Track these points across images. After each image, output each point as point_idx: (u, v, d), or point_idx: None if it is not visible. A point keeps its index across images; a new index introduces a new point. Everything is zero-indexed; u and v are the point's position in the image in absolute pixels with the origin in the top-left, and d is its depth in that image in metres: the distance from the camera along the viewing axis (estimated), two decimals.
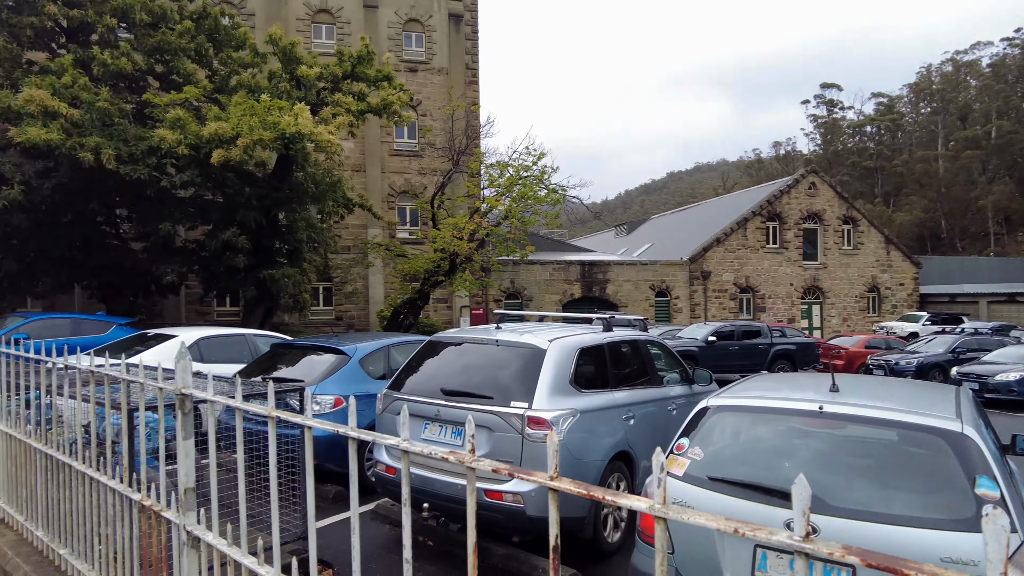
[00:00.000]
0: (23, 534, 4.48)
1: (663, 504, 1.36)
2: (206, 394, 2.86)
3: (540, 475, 1.54)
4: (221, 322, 20.61)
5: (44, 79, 14.08)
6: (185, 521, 2.85)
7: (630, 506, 1.44)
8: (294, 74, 16.98)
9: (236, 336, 9.59)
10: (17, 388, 4.78)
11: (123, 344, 9.04)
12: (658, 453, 1.40)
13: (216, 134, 13.73)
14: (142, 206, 15.92)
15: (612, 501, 1.46)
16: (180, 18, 17.08)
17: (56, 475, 4.06)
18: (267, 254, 16.63)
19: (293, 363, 7.29)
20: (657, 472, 1.39)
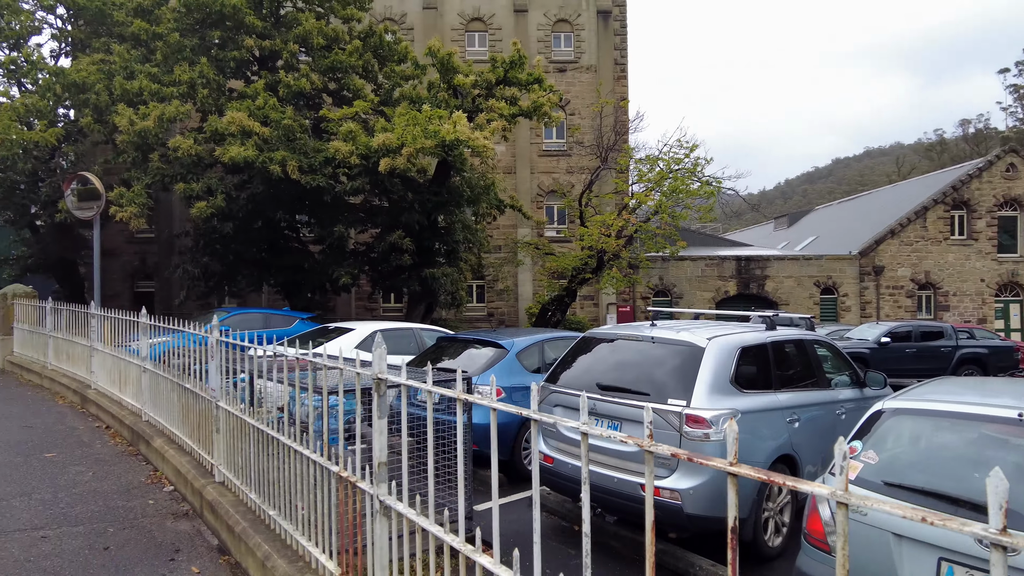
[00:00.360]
0: (239, 496, 5.25)
1: (845, 490, 1.39)
2: (400, 379, 3.23)
3: (719, 461, 1.62)
4: (386, 317, 22.30)
5: (242, 103, 16.06)
6: (378, 491, 3.24)
7: (810, 491, 1.48)
8: (451, 83, 17.91)
9: (405, 330, 10.40)
10: (232, 372, 5.59)
11: (308, 336, 10.15)
12: (841, 442, 1.43)
13: (383, 144, 14.86)
14: (320, 212, 17.63)
15: (792, 485, 1.50)
16: (349, 38, 18.70)
17: (265, 447, 4.72)
18: (428, 254, 17.76)
19: (455, 355, 7.79)
20: (839, 460, 1.41)
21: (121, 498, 5.94)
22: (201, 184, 15.65)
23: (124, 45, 18.04)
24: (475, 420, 6.74)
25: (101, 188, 13.67)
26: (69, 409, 9.78)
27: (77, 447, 7.64)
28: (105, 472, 6.70)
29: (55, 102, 17.10)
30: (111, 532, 5.14)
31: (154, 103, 15.71)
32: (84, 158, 20.25)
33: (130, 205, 14.97)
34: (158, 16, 17.98)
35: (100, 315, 9.70)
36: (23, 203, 18.44)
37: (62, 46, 20.48)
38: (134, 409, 8.27)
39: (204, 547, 4.97)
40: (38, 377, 12.00)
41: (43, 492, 5.99)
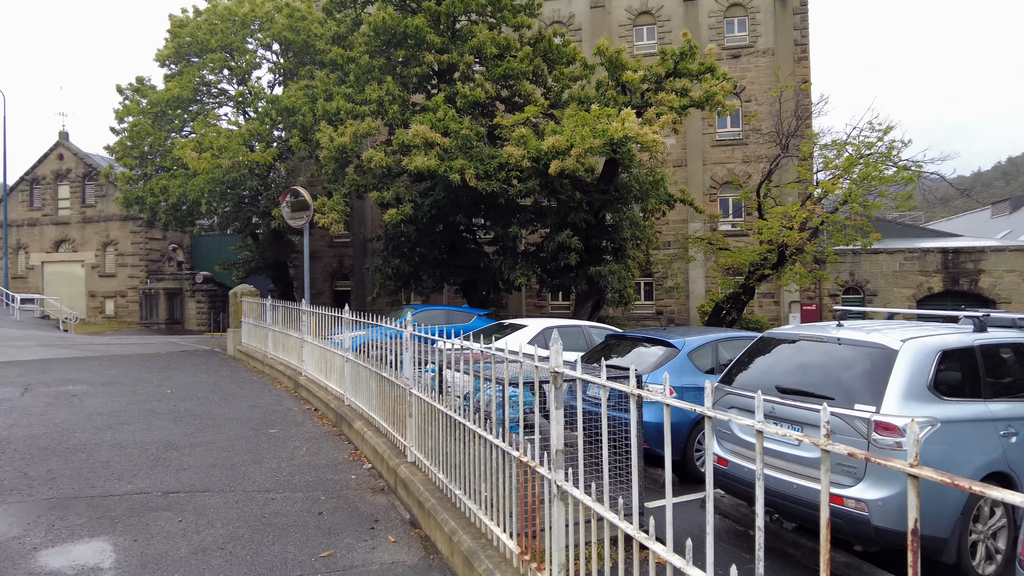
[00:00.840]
0: (428, 475, 5.78)
1: None
2: (575, 372, 3.42)
3: (899, 462, 1.58)
4: (555, 314, 22.81)
5: (424, 116, 17.35)
6: (555, 477, 3.45)
7: (1017, 502, 1.35)
8: (619, 80, 17.88)
9: (574, 327, 10.65)
10: (423, 363, 6.14)
11: (486, 331, 10.78)
12: None
13: (553, 146, 15.24)
14: (494, 215, 18.51)
15: (980, 491, 1.42)
16: (520, 45, 19.38)
17: (452, 431, 5.17)
18: (595, 252, 17.92)
19: (624, 353, 7.86)
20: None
21: (329, 471, 6.79)
22: (391, 192, 17.16)
23: (324, 70, 20.31)
24: (645, 419, 6.77)
25: (310, 200, 15.52)
26: (285, 392, 11.31)
27: (293, 426, 8.83)
28: (316, 448, 7.69)
29: (271, 126, 19.70)
30: (323, 500, 5.92)
31: (350, 120, 17.52)
32: (293, 173, 23.12)
33: (331, 212, 16.84)
34: (351, 42, 19.99)
35: (309, 311, 11.08)
36: (247, 215, 21.47)
37: (276, 77, 23.51)
38: (337, 394, 9.36)
39: (398, 520, 5.55)
40: (260, 364, 13.98)
41: (270, 462, 7.03)
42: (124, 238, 31.54)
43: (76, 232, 32.92)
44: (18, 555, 4.58)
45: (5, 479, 6.13)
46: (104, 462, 6.72)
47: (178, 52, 22.18)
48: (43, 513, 5.35)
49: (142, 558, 4.55)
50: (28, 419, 8.54)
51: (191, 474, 6.46)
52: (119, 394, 10.56)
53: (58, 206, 33.56)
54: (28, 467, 6.49)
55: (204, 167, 18.12)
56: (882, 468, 4.26)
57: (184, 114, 22.25)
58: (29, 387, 10.96)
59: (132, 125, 22.10)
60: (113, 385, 11.45)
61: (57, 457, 6.85)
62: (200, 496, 5.85)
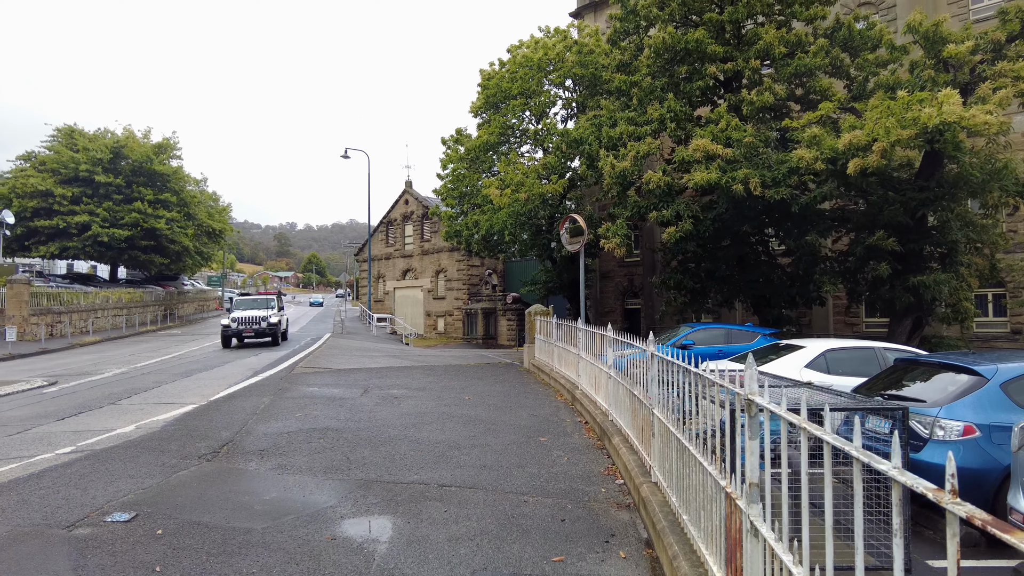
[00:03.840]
0: (665, 497, 5.70)
1: None
2: (763, 401, 3.16)
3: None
4: (869, 333, 19.96)
5: (705, 129, 16.94)
6: (749, 511, 3.21)
7: None
8: (939, 57, 15.16)
9: (865, 349, 9.29)
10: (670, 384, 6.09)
11: (759, 352, 10.05)
12: None
13: (851, 143, 13.58)
14: (787, 223, 17.11)
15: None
16: (813, 38, 17.70)
17: (681, 454, 5.06)
18: (914, 259, 15.31)
19: (916, 380, 6.63)
20: None
21: (582, 482, 7.11)
22: (670, 210, 17.09)
23: (610, 99, 21.21)
24: (936, 460, 5.68)
25: (584, 226, 16.36)
26: (562, 404, 12.06)
27: (562, 435, 9.40)
28: (576, 459, 8.09)
29: (561, 157, 21.25)
30: (569, 508, 6.25)
31: (631, 144, 17.98)
32: (581, 200, 24.50)
33: (614, 236, 17.44)
34: (635, 66, 20.53)
35: (583, 329, 11.69)
36: (544, 241, 23.39)
37: (569, 112, 25.27)
38: (604, 409, 9.70)
39: (634, 537, 5.58)
40: (547, 377, 15.10)
41: (532, 467, 7.64)
42: (451, 266, 36.97)
43: (417, 263, 39.66)
44: (329, 520, 5.83)
45: (335, 460, 7.81)
46: (402, 455, 8.09)
47: (487, 102, 25.38)
48: (353, 490, 6.69)
49: (409, 538, 5.41)
50: (359, 415, 10.68)
51: (464, 471, 7.39)
52: (427, 398, 12.50)
53: (404, 242, 40.92)
54: (351, 452, 8.16)
55: (505, 202, 20.37)
56: None
57: (493, 155, 25.30)
58: (367, 389, 13.65)
59: (453, 171, 25.95)
60: (425, 390, 13.58)
61: (371, 447, 8.47)
62: (466, 491, 6.67)
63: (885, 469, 1.78)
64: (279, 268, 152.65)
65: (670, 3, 18.97)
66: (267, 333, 24.90)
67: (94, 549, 5.15)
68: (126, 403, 12.04)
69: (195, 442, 8.77)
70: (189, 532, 5.50)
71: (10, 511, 6.08)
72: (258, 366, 18.10)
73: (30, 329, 26.02)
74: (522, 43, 25.35)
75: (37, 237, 33.74)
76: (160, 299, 39.39)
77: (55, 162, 34.03)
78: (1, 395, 13.27)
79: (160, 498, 6.42)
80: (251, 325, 24.49)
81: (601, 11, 29.85)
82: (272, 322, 24.85)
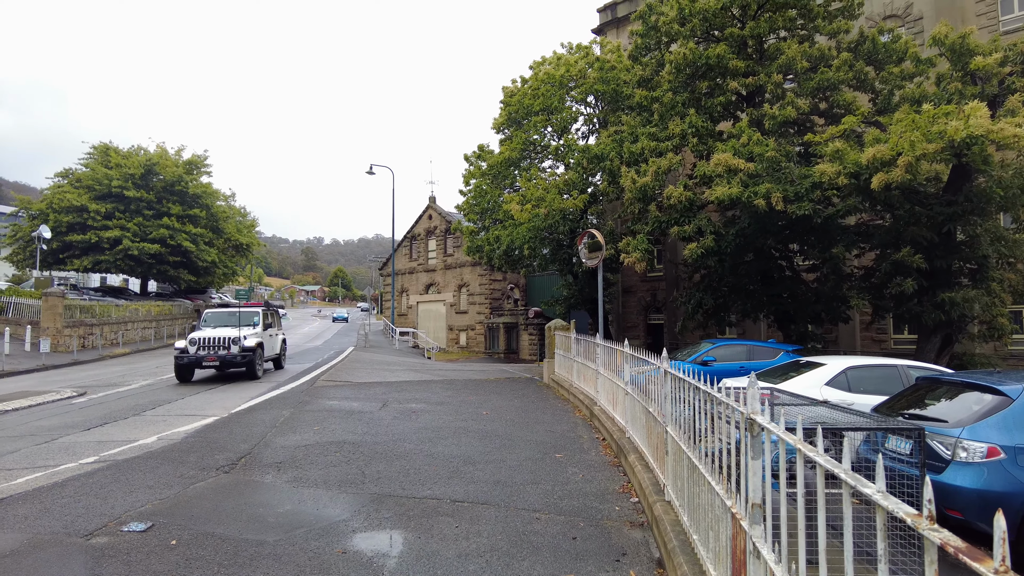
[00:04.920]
0: (678, 516, 5.62)
1: None
2: (763, 420, 3.11)
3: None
4: (897, 351, 19.52)
5: (727, 144, 16.85)
6: (752, 532, 3.16)
7: None
8: (967, 69, 14.92)
9: (887, 367, 9.09)
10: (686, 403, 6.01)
11: (778, 370, 9.90)
12: None
13: (875, 158, 13.40)
14: (810, 238, 16.89)
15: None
16: (836, 52, 17.56)
17: (692, 474, 4.99)
18: (942, 275, 14.98)
19: (938, 400, 6.47)
20: None
21: (596, 500, 7.04)
22: (692, 226, 16.98)
23: (631, 114, 21.23)
24: (958, 483, 5.53)
25: (602, 241, 16.33)
26: (580, 420, 11.97)
27: (578, 452, 9.34)
28: (592, 476, 8.02)
29: (582, 173, 21.27)
30: (581, 526, 6.19)
31: (652, 159, 17.94)
32: (602, 215, 24.46)
33: (634, 251, 17.36)
34: (656, 82, 20.54)
35: (601, 345, 11.64)
36: (565, 256, 23.39)
37: (590, 128, 25.34)
38: (621, 426, 9.62)
39: (646, 557, 5.51)
40: (566, 393, 15.02)
41: (546, 484, 7.59)
42: (473, 280, 37.10)
43: (440, 277, 39.88)
44: (341, 533, 5.86)
45: (350, 474, 7.85)
46: (416, 469, 8.11)
47: (509, 119, 25.57)
48: (366, 504, 6.72)
49: (419, 553, 5.41)
50: (377, 428, 10.73)
51: (477, 487, 7.37)
52: (445, 413, 12.52)
53: (428, 256, 41.23)
54: (366, 466, 8.20)
55: (525, 217, 20.44)
56: None
57: (515, 171, 25.44)
58: (386, 403, 13.71)
59: (475, 186, 26.13)
60: (444, 405, 13.60)
61: (386, 461, 8.50)
62: (479, 507, 6.66)
63: (869, 493, 1.74)
64: (306, 282, 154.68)
65: (691, 19, 18.98)
66: (237, 362, 17.53)
67: (110, 558, 5.25)
68: (150, 414, 12.26)
69: (213, 454, 8.89)
70: (202, 543, 5.56)
71: (32, 519, 6.22)
72: (280, 379, 18.31)
73: (63, 341, 26.69)
74: (544, 60, 25.55)
75: (72, 251, 34.69)
76: (188, 312, 40.14)
77: (90, 178, 35.05)
78: (33, 405, 13.61)
79: (176, 509, 6.52)
80: (215, 350, 17.46)
81: (623, 27, 29.98)
82: (248, 346, 17.68)
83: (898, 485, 4.58)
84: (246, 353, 17.58)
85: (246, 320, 19.13)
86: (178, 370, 17.52)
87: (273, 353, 20.39)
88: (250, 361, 17.70)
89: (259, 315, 19.48)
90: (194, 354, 17.39)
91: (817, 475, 2.35)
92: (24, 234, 35.04)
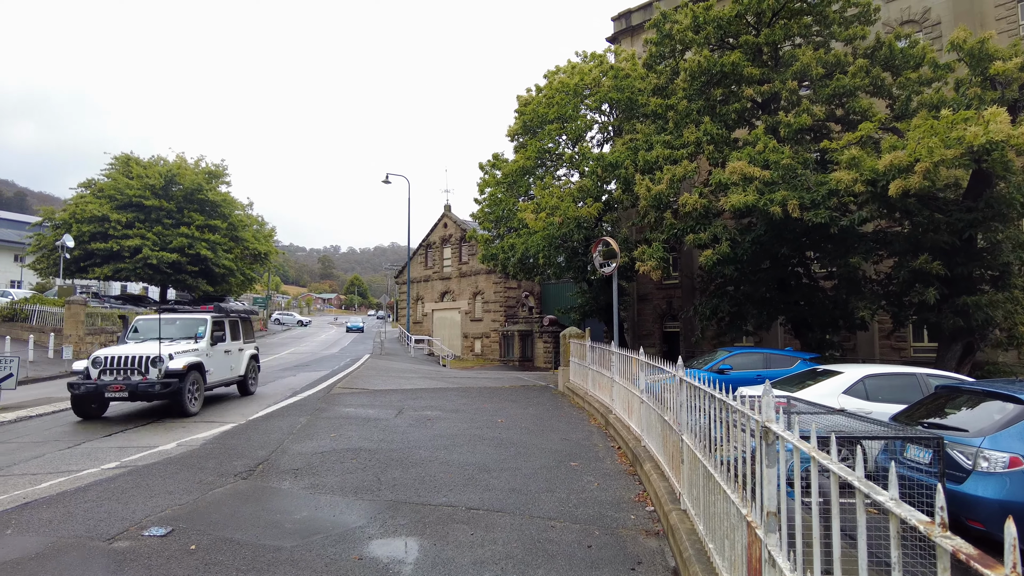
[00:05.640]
0: (694, 525, 5.60)
1: None
2: (778, 428, 3.12)
3: None
4: (916, 359, 19.27)
5: (742, 152, 16.79)
6: (767, 540, 3.15)
7: None
8: (986, 74, 14.79)
9: (906, 375, 8.99)
10: (701, 411, 6.00)
11: (795, 378, 9.82)
12: None
13: (892, 164, 13.31)
14: (827, 246, 16.77)
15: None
16: (853, 59, 17.47)
17: (708, 482, 4.98)
18: (963, 282, 14.80)
19: (959, 409, 6.40)
20: None
21: (612, 509, 7.03)
22: (707, 233, 16.92)
23: (646, 122, 21.24)
24: (979, 493, 5.46)
25: (617, 249, 16.31)
26: (596, 429, 11.95)
27: (593, 461, 9.32)
28: (607, 485, 8.01)
29: (597, 181, 21.30)
30: (596, 534, 6.19)
31: (667, 167, 17.93)
32: (617, 223, 24.44)
33: (650, 259, 17.35)
34: (671, 90, 20.54)
35: (616, 353, 11.62)
36: (580, 264, 23.38)
37: (604, 136, 25.38)
38: (636, 434, 9.59)
39: (661, 566, 5.49)
40: (581, 401, 14.99)
41: (561, 492, 7.59)
42: (488, 288, 37.18)
43: (455, 285, 40.02)
44: (357, 540, 5.90)
45: (365, 481, 7.91)
46: (432, 476, 8.14)
47: (524, 127, 25.69)
48: (382, 511, 6.76)
49: (434, 560, 5.44)
50: (392, 436, 10.79)
51: (492, 495, 7.39)
52: (460, 420, 12.55)
53: (443, 264, 41.39)
54: (382, 473, 8.25)
55: (540, 225, 20.50)
56: None
57: (529, 179, 25.52)
58: (402, 410, 13.77)
59: (490, 195, 26.24)
60: (459, 412, 13.64)
61: (402, 468, 8.54)
62: (494, 515, 6.67)
63: (883, 500, 1.75)
64: (323, 290, 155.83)
65: (706, 27, 19.00)
66: (155, 393, 12.17)
67: (131, 562, 5.33)
68: (168, 421, 12.41)
69: (232, 460, 8.99)
70: (221, 548, 5.63)
71: (56, 523, 6.33)
72: (298, 386, 18.47)
73: (85, 348, 27.09)
74: (559, 69, 25.65)
75: (93, 260, 35.25)
76: None
77: (112, 188, 35.66)
78: (58, 411, 13.83)
79: (195, 514, 6.60)
80: (124, 375, 12.27)
81: (637, 36, 30.04)
82: (173, 369, 12.42)
83: (916, 495, 4.54)
84: (169, 380, 12.27)
85: (186, 331, 14.09)
86: (75, 403, 12.49)
87: (232, 376, 15.20)
88: (176, 391, 12.36)
89: (206, 324, 14.19)
90: (95, 380, 12.19)
91: (831, 483, 2.35)
92: (48, 243, 35.69)
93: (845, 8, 18.26)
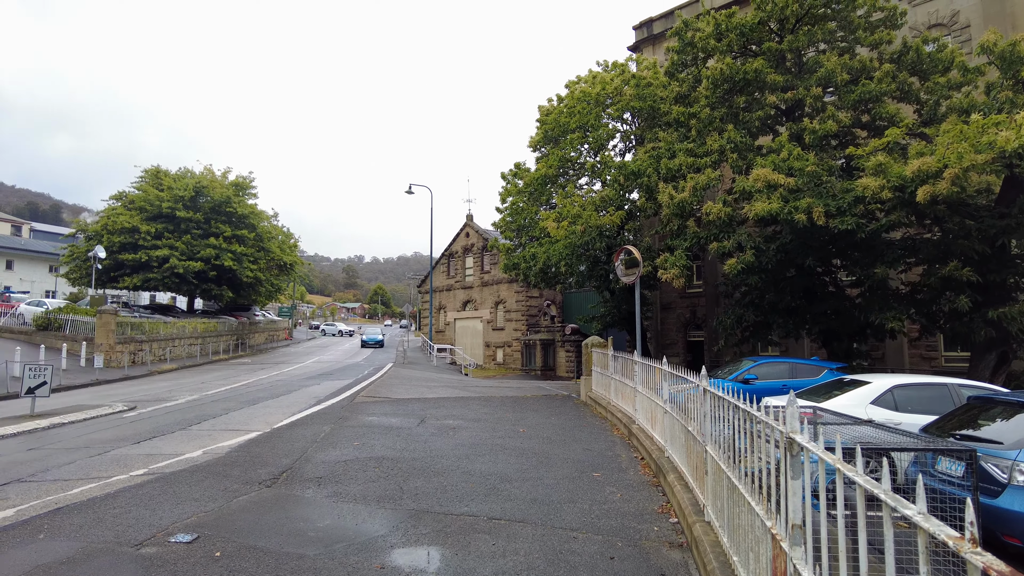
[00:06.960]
0: (718, 537, 5.52)
1: None
2: (804, 439, 3.07)
3: None
4: (948, 369, 18.83)
5: (766, 159, 16.63)
6: (792, 554, 3.10)
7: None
8: (1018, 78, 14.50)
9: (937, 385, 8.78)
10: (725, 421, 5.92)
11: (822, 388, 9.65)
12: None
13: (919, 170, 13.08)
14: (853, 253, 16.49)
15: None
16: (879, 64, 17.24)
17: (732, 494, 4.91)
18: (996, 290, 14.45)
19: (993, 420, 6.23)
20: None
21: (635, 520, 6.96)
22: (731, 241, 16.75)
23: (668, 131, 21.15)
24: (1016, 507, 5.31)
25: (639, 257, 16.23)
26: (618, 439, 11.85)
27: (616, 471, 9.24)
28: (630, 496, 7.93)
29: (619, 189, 21.23)
30: (619, 546, 6.13)
31: (691, 175, 17.81)
32: (639, 232, 24.31)
33: (672, 268, 17.21)
34: (694, 98, 20.46)
35: (639, 362, 11.54)
36: (602, 273, 23.29)
37: (626, 144, 25.31)
38: (660, 445, 9.49)
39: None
40: (604, 411, 14.89)
41: (583, 503, 7.54)
42: (510, 297, 37.19)
43: (477, 294, 40.11)
44: (379, 549, 5.92)
45: (388, 489, 7.93)
46: (454, 485, 8.14)
47: (545, 137, 25.72)
48: (404, 520, 6.78)
49: (456, 570, 5.43)
50: (415, 445, 10.82)
51: (514, 505, 7.37)
52: (482, 430, 12.54)
53: (465, 274, 41.54)
54: (404, 482, 8.27)
55: (561, 234, 20.48)
56: None
57: (551, 188, 25.52)
58: (424, 419, 13.81)
59: (512, 204, 26.30)
60: (480, 422, 13.63)
61: (424, 477, 8.56)
62: (515, 525, 6.65)
63: (910, 514, 1.71)
64: (347, 299, 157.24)
65: (728, 34, 18.90)
66: None
67: (158, 568, 5.41)
68: (195, 429, 12.59)
69: (256, 468, 9.09)
70: (245, 555, 5.69)
71: (86, 528, 6.45)
72: (322, 395, 18.62)
73: (115, 356, 27.65)
74: (580, 78, 25.67)
75: (123, 270, 36.02)
76: (233, 329, 41.17)
77: (142, 200, 36.47)
78: (88, 418, 14.12)
79: (221, 521, 6.68)
80: None
81: (659, 44, 29.99)
82: None
83: (948, 509, 4.43)
84: None
85: None
86: None
87: None
88: None
89: None
90: None
91: (857, 495, 2.30)
92: (81, 254, 36.55)
93: (870, 13, 18.03)
